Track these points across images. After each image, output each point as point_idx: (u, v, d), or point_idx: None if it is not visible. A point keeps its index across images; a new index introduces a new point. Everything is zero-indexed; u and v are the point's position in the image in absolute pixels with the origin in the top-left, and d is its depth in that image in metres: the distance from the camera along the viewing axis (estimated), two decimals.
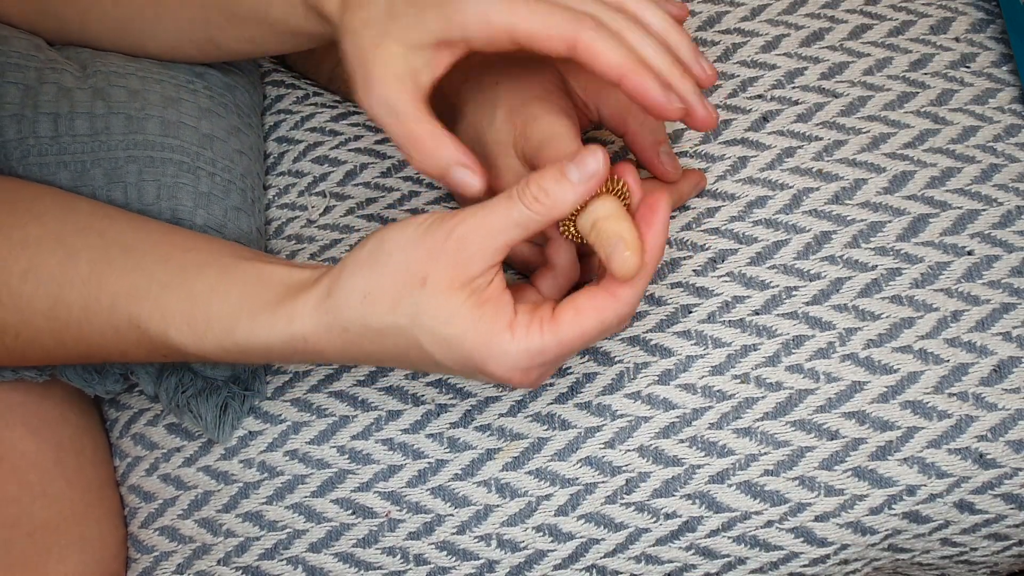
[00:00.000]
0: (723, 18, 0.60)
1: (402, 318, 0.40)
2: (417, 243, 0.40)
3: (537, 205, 0.39)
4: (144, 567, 0.54)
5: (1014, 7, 0.57)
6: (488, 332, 0.40)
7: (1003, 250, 0.53)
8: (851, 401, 0.51)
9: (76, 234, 0.46)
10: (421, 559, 0.51)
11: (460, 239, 0.40)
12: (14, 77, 0.52)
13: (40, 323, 0.45)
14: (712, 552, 0.50)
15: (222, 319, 0.43)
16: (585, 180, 0.40)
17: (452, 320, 0.40)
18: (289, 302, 0.42)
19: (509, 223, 0.40)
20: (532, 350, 0.40)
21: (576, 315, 0.41)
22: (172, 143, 0.53)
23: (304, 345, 0.43)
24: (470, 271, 0.40)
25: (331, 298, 0.41)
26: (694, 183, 0.54)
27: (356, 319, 0.41)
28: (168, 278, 0.44)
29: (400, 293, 0.40)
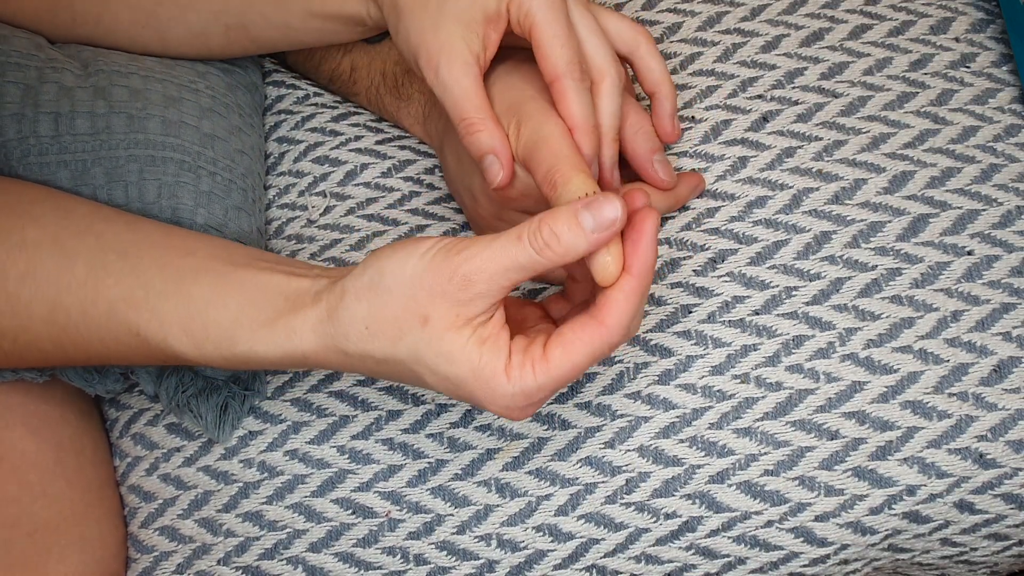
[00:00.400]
0: (723, 18, 0.60)
1: (403, 353, 0.41)
2: (419, 280, 0.40)
3: (547, 252, 0.39)
4: (144, 567, 0.54)
5: (1014, 7, 0.57)
6: (487, 375, 0.40)
7: (1003, 250, 0.53)
8: (851, 401, 0.51)
9: (74, 237, 0.46)
10: (421, 559, 0.51)
11: (464, 280, 0.39)
12: (14, 76, 0.52)
13: (38, 327, 0.45)
14: (712, 552, 0.50)
15: (220, 330, 0.43)
16: (600, 230, 0.39)
17: (454, 361, 0.40)
18: (288, 317, 0.42)
19: (515, 265, 0.39)
20: (527, 390, 0.40)
21: (565, 351, 0.40)
22: (173, 142, 0.53)
23: (304, 360, 0.43)
24: (472, 311, 0.40)
25: (331, 323, 0.41)
26: (692, 186, 0.54)
27: (357, 348, 0.41)
28: (164, 285, 0.44)
29: (402, 330, 0.40)
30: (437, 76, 0.46)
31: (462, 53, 0.46)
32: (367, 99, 0.62)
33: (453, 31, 0.46)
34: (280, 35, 0.54)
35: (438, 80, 0.46)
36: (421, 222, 0.58)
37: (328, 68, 0.63)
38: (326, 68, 0.63)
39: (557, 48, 0.45)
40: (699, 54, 0.60)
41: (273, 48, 0.57)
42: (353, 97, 0.63)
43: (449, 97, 0.46)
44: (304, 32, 0.53)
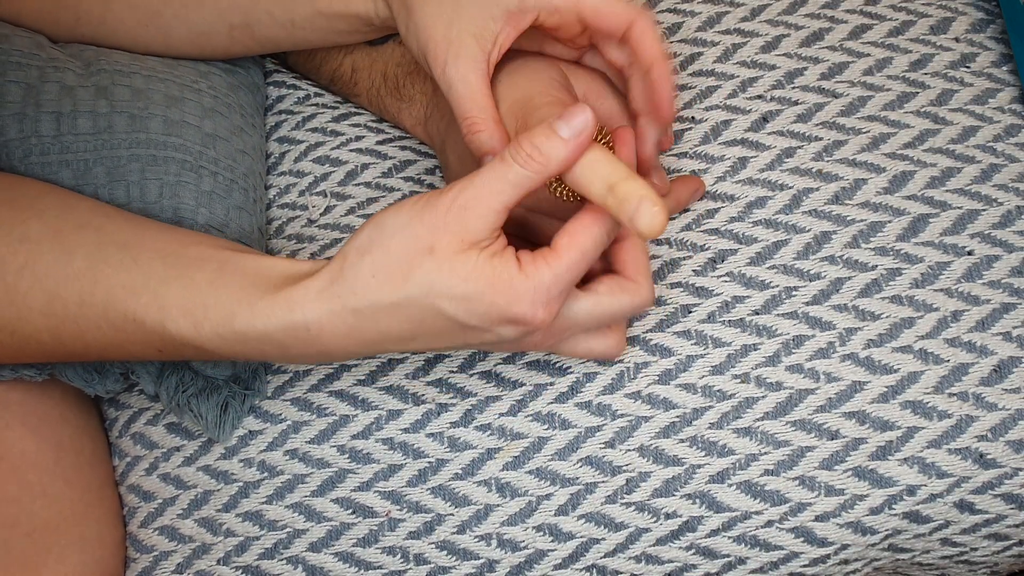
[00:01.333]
0: (723, 18, 0.61)
1: (415, 289, 0.41)
2: (417, 220, 0.41)
3: (531, 163, 0.40)
4: (144, 567, 0.54)
5: (1014, 7, 0.57)
6: (505, 279, 0.41)
7: (1003, 250, 0.53)
8: (851, 401, 0.51)
9: (74, 231, 0.46)
10: (421, 559, 0.51)
11: (461, 208, 0.40)
12: (16, 76, 0.52)
13: (36, 319, 0.45)
14: (712, 552, 0.50)
15: (220, 308, 0.43)
16: (575, 135, 0.41)
17: (469, 277, 0.41)
18: (288, 290, 0.42)
19: (506, 184, 0.41)
20: (545, 283, 0.41)
21: (571, 239, 0.42)
22: (175, 142, 0.53)
23: (306, 334, 0.42)
24: (474, 235, 0.41)
25: (338, 284, 0.42)
26: (692, 190, 0.55)
27: (366, 300, 0.41)
28: (166, 271, 0.44)
29: (410, 266, 0.41)
30: (444, 72, 0.47)
31: (471, 49, 0.46)
32: (368, 100, 0.62)
33: (466, 27, 0.46)
34: (285, 34, 0.54)
35: (444, 76, 0.47)
36: None
37: (329, 69, 0.63)
38: (327, 69, 0.63)
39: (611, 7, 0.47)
40: (699, 54, 0.60)
41: (276, 48, 0.57)
42: (354, 98, 0.63)
43: (454, 93, 0.47)
44: (309, 31, 0.53)
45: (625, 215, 0.40)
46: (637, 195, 0.40)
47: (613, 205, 0.41)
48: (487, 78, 0.47)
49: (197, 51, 0.57)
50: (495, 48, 0.47)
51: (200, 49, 0.56)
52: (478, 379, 0.53)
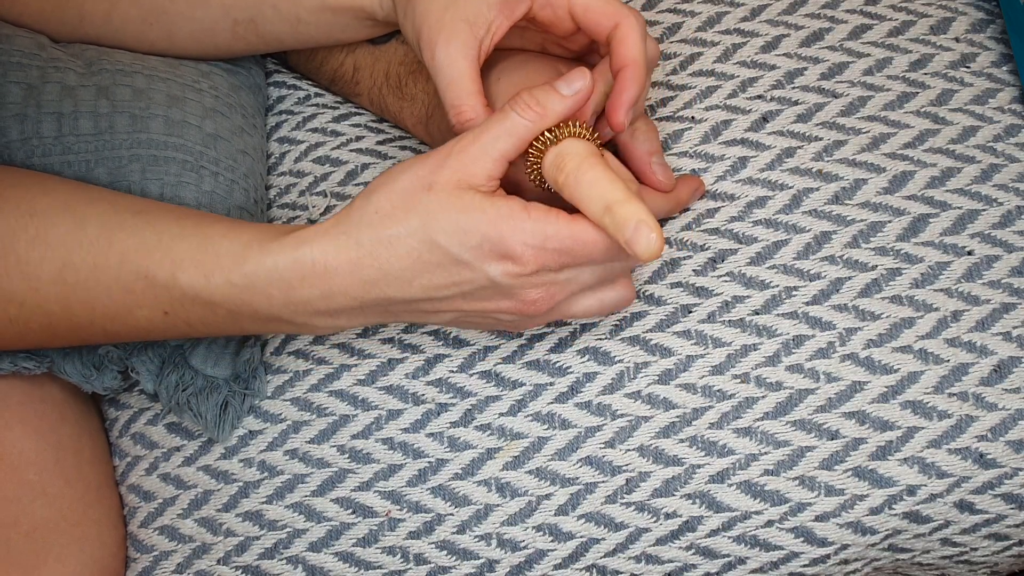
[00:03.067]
0: (723, 18, 0.61)
1: (414, 220, 0.42)
2: (420, 163, 0.43)
3: (529, 111, 0.42)
4: (144, 566, 0.54)
5: (1014, 7, 0.57)
6: (505, 211, 0.42)
7: (1003, 250, 0.53)
8: (851, 401, 0.51)
9: (86, 204, 0.47)
10: (421, 558, 0.51)
11: (460, 151, 0.42)
12: (16, 76, 0.52)
13: (47, 288, 0.46)
14: (712, 552, 0.50)
15: (231, 255, 0.44)
16: (573, 93, 0.43)
17: (466, 208, 0.42)
18: (298, 231, 0.44)
19: (502, 131, 0.42)
20: (548, 231, 0.42)
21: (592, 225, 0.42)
22: (176, 142, 0.53)
23: (312, 268, 0.43)
24: (473, 178, 0.42)
25: (342, 222, 0.43)
26: (692, 189, 0.54)
27: (368, 233, 0.43)
28: (181, 230, 0.45)
29: (410, 199, 0.42)
30: (434, 56, 0.47)
31: (463, 35, 0.46)
32: (369, 99, 0.62)
33: (460, 13, 0.46)
34: (289, 29, 0.54)
35: (434, 60, 0.47)
36: None
37: (330, 68, 0.63)
38: (328, 68, 0.63)
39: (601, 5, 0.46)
40: (699, 54, 0.60)
41: (280, 45, 0.57)
42: (355, 98, 0.63)
43: (443, 78, 0.47)
44: (314, 26, 0.53)
45: (622, 237, 0.40)
46: (635, 218, 0.40)
47: (610, 225, 0.41)
48: (477, 65, 0.47)
49: (201, 49, 0.57)
50: (488, 36, 0.47)
51: (204, 47, 0.56)
52: (478, 379, 0.53)
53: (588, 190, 0.41)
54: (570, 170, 0.42)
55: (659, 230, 0.40)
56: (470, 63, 0.47)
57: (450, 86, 0.47)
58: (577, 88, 0.43)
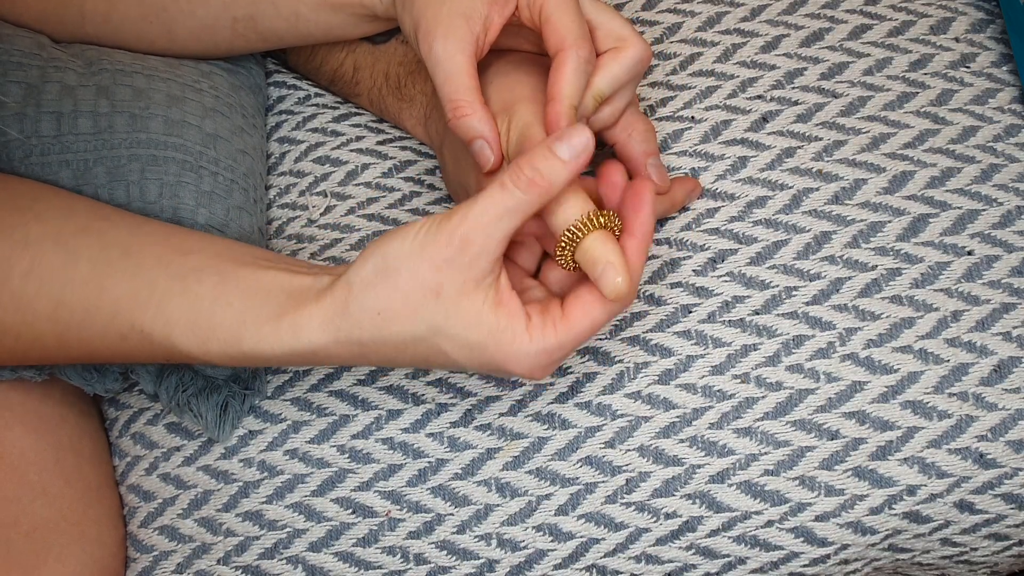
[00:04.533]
0: (723, 18, 0.61)
1: (421, 329, 0.41)
2: (420, 253, 0.41)
3: (533, 188, 0.40)
4: (144, 566, 0.54)
5: (1014, 7, 0.57)
6: (509, 338, 0.41)
7: (1003, 250, 0.53)
8: (851, 401, 0.51)
9: (76, 235, 0.46)
10: (421, 558, 0.51)
11: (463, 240, 0.40)
12: (16, 76, 0.52)
13: (42, 325, 0.45)
14: (712, 552, 0.50)
15: (226, 329, 0.43)
16: (575, 156, 0.40)
17: (474, 326, 0.41)
18: (292, 315, 0.42)
19: (506, 211, 0.40)
20: (549, 348, 0.41)
21: (584, 311, 0.42)
22: (175, 142, 0.53)
23: (313, 356, 0.43)
24: (480, 270, 0.41)
25: (343, 317, 0.42)
26: (688, 190, 0.54)
27: (372, 336, 0.42)
28: (168, 283, 0.44)
29: (417, 306, 0.41)
30: (431, 50, 0.46)
31: (460, 29, 0.46)
32: (368, 100, 0.62)
33: (457, 8, 0.46)
34: (288, 26, 0.54)
35: (432, 54, 0.46)
36: None
37: (330, 68, 0.63)
38: (328, 68, 0.63)
39: (567, 21, 0.45)
40: (699, 54, 0.60)
41: (280, 42, 0.57)
42: (354, 98, 0.63)
43: (441, 72, 0.46)
44: (314, 23, 0.53)
45: (591, 274, 0.41)
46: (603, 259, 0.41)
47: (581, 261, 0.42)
48: (474, 61, 0.47)
49: (201, 47, 0.57)
50: (484, 31, 0.47)
51: (204, 44, 0.56)
52: (478, 379, 0.53)
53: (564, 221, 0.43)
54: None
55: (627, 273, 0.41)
56: (467, 58, 0.46)
57: (448, 80, 0.46)
58: (578, 149, 0.40)
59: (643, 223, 0.42)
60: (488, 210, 0.40)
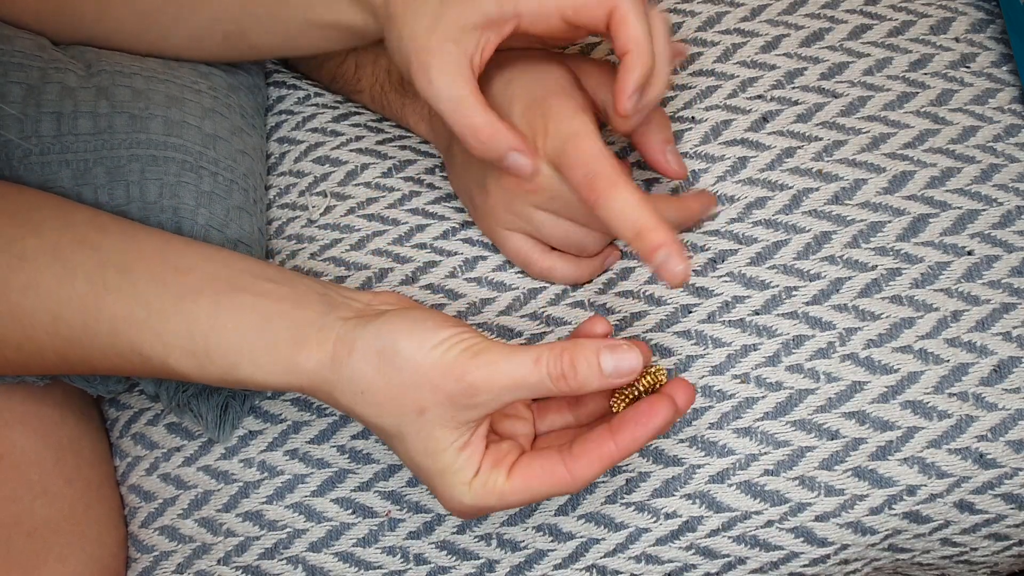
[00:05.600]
0: (723, 18, 0.61)
1: (389, 426, 0.42)
2: (428, 373, 0.41)
3: (561, 382, 0.40)
4: (144, 566, 0.54)
5: (1014, 7, 0.57)
6: (451, 482, 0.42)
7: (1003, 250, 0.53)
8: (851, 401, 0.51)
9: (73, 249, 0.45)
10: (421, 559, 0.51)
11: (470, 387, 0.40)
12: (17, 76, 0.52)
13: (42, 338, 0.45)
14: (712, 552, 0.50)
15: (222, 355, 0.43)
16: (616, 376, 0.40)
17: (430, 453, 0.41)
18: (291, 352, 0.43)
19: (524, 385, 0.40)
20: (479, 506, 0.42)
21: (525, 483, 0.42)
22: (175, 142, 0.53)
23: (303, 391, 0.44)
24: (467, 417, 0.41)
25: (332, 372, 0.42)
26: (703, 203, 0.54)
27: (347, 402, 0.42)
28: (163, 304, 0.44)
29: (397, 408, 0.41)
30: (431, 84, 0.45)
31: (456, 58, 0.45)
32: (371, 97, 0.62)
33: (447, 36, 0.45)
34: (279, 42, 0.54)
35: (432, 87, 0.46)
36: (421, 222, 0.58)
37: (331, 67, 0.63)
38: (329, 67, 0.63)
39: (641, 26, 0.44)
40: (699, 54, 0.60)
41: (271, 55, 0.57)
42: (356, 96, 0.63)
43: (446, 105, 0.46)
44: (304, 40, 0.53)
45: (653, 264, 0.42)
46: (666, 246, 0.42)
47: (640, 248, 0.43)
48: (475, 84, 0.46)
49: (195, 54, 0.57)
50: (478, 52, 0.46)
51: (198, 52, 0.56)
52: None
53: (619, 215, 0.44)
54: None
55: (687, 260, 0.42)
56: (467, 83, 0.46)
57: (456, 111, 0.46)
58: (622, 372, 0.40)
59: (635, 440, 0.42)
60: (510, 374, 0.40)
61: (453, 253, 0.56)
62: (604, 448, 0.41)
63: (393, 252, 0.57)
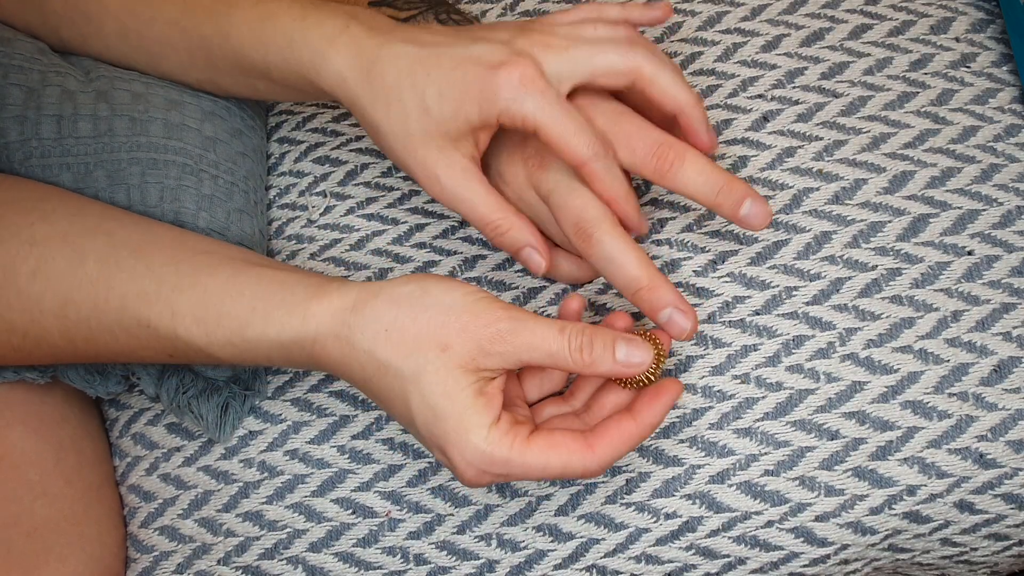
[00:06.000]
0: (723, 18, 0.60)
1: (408, 368, 0.42)
2: (458, 311, 0.42)
3: (577, 355, 0.42)
4: (144, 567, 0.54)
5: (1014, 7, 0.57)
6: (471, 423, 0.41)
7: (1003, 250, 0.53)
8: (851, 401, 0.51)
9: (84, 235, 0.46)
10: (421, 559, 0.51)
11: (497, 335, 0.41)
12: (17, 79, 0.52)
13: (49, 322, 0.46)
14: (712, 552, 0.50)
15: (233, 318, 0.44)
16: (626, 365, 0.43)
17: (449, 394, 0.41)
18: (309, 300, 0.43)
19: (544, 351, 0.42)
20: (494, 458, 0.42)
21: (545, 449, 0.42)
22: (175, 145, 0.53)
23: (311, 346, 0.43)
24: (488, 363, 0.42)
25: (354, 313, 0.42)
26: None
27: (367, 345, 0.42)
28: (179, 279, 0.45)
29: (419, 345, 0.41)
30: (443, 190, 0.47)
31: (458, 161, 0.47)
32: None
33: (441, 143, 0.46)
34: (250, 93, 0.54)
35: (445, 193, 0.47)
36: (420, 221, 0.58)
37: None
38: None
39: (572, 139, 0.46)
40: (699, 54, 0.60)
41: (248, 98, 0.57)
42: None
43: (463, 206, 0.47)
44: (274, 94, 0.53)
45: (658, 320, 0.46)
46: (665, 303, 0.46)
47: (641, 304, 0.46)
48: (483, 177, 0.48)
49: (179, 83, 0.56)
50: (477, 149, 0.48)
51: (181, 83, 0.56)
52: None
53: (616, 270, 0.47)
54: None
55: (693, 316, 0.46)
56: (479, 182, 0.47)
57: (473, 209, 0.47)
58: (632, 362, 0.43)
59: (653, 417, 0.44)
60: (535, 332, 0.42)
61: (453, 252, 0.56)
62: (626, 429, 0.43)
63: (393, 252, 0.57)
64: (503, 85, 0.45)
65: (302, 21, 0.48)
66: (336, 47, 0.47)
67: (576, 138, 0.45)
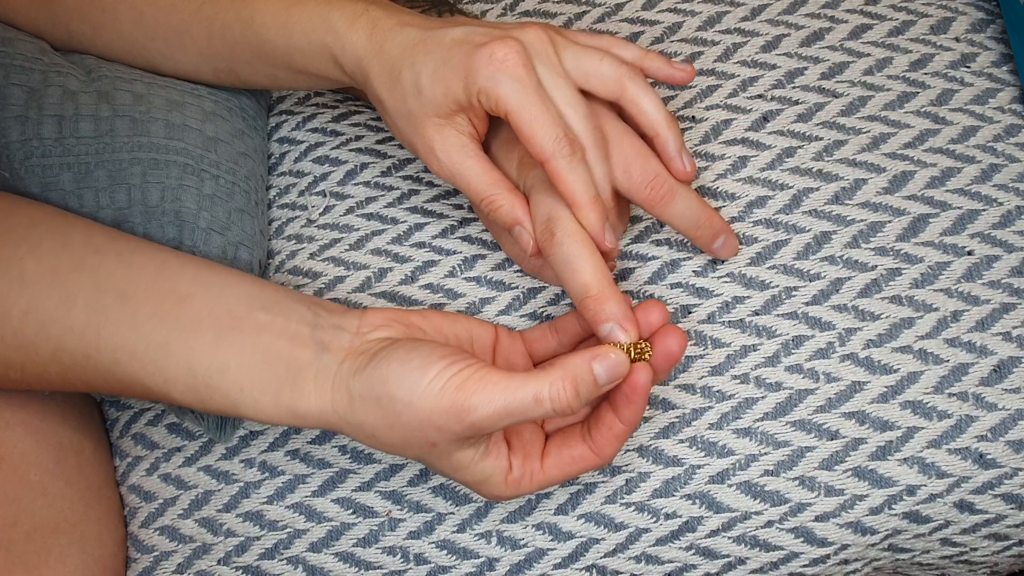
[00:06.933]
0: (723, 18, 0.60)
1: (411, 456, 0.44)
2: (430, 416, 0.41)
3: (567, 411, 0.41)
4: (144, 567, 0.54)
5: (1014, 7, 0.57)
6: (490, 484, 0.44)
7: (1003, 250, 0.53)
8: (851, 401, 0.51)
9: (71, 273, 0.46)
10: (421, 558, 0.51)
11: (472, 426, 0.41)
12: (19, 79, 0.52)
13: (45, 362, 0.46)
14: (712, 552, 0.50)
15: (222, 395, 0.44)
16: (610, 382, 0.43)
17: (460, 470, 0.44)
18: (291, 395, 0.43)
19: (526, 416, 0.41)
20: (521, 492, 0.45)
21: (561, 470, 0.45)
22: (176, 145, 0.53)
23: (304, 423, 0.44)
24: (475, 439, 0.43)
25: (338, 420, 0.43)
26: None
27: (363, 442, 0.44)
28: (164, 338, 0.44)
29: (409, 446, 0.43)
30: (441, 164, 0.48)
31: (456, 137, 0.47)
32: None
33: (437, 121, 0.47)
34: (268, 82, 0.54)
35: (443, 168, 0.48)
36: (419, 220, 0.58)
37: None
38: None
39: (539, 131, 0.45)
40: (699, 54, 0.60)
41: (264, 89, 0.57)
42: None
43: (460, 181, 0.48)
44: (293, 81, 0.54)
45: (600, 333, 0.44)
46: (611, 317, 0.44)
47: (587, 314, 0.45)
48: (482, 153, 0.48)
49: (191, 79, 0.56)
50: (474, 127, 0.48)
51: (194, 79, 0.56)
52: None
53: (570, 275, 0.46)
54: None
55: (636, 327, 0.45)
56: (476, 158, 0.47)
57: (470, 185, 0.48)
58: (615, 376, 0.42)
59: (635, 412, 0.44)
60: (511, 403, 0.41)
61: (452, 252, 0.56)
62: (619, 431, 0.44)
63: (392, 251, 0.57)
64: (482, 62, 0.45)
65: (327, 5, 0.49)
66: (356, 27, 0.48)
67: (543, 130, 0.45)
